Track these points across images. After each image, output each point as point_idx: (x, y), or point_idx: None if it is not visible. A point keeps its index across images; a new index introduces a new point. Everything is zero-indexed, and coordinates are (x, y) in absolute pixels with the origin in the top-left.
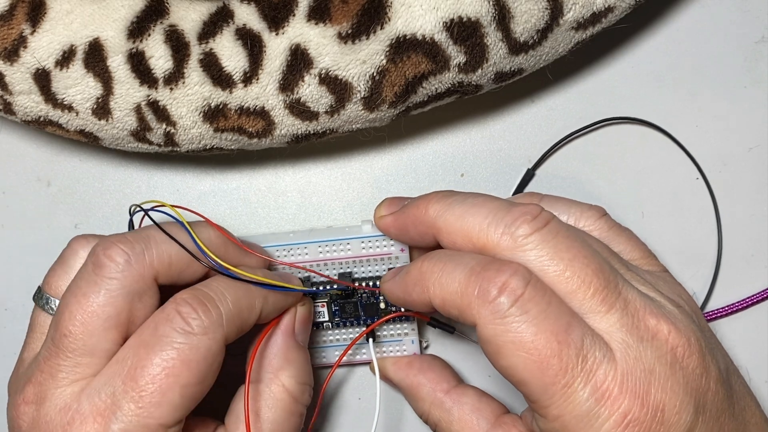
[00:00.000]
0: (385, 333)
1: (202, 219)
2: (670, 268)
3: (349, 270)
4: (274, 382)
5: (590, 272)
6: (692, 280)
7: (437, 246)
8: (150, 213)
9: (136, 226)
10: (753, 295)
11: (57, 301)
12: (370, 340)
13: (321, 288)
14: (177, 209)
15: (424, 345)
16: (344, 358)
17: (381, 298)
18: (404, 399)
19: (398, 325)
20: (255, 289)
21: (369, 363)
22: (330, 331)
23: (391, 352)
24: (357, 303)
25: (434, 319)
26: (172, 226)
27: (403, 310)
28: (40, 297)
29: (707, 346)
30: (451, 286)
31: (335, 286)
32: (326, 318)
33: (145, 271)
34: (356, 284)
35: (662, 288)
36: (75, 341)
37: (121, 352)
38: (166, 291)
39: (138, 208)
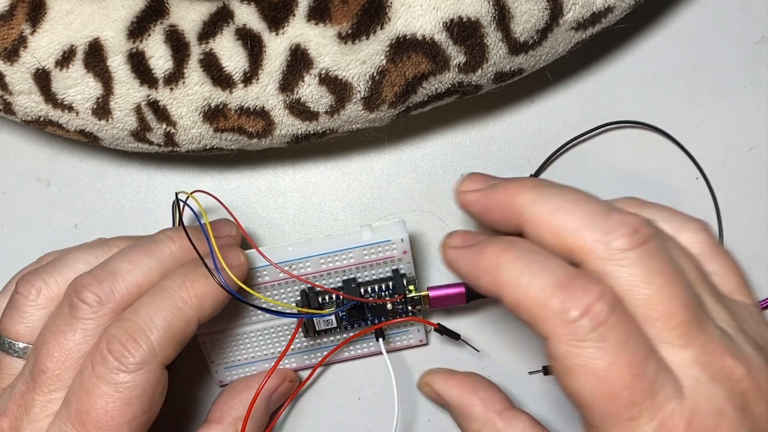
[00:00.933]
0: (391, 325)
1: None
2: None
3: (352, 276)
4: (232, 426)
5: (677, 304)
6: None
7: (518, 234)
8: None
9: (179, 213)
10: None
11: (18, 344)
12: (381, 339)
13: (335, 307)
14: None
15: (428, 329)
16: (357, 352)
17: (388, 300)
18: (405, 399)
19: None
20: (188, 305)
21: (378, 354)
22: (339, 335)
23: (398, 342)
24: (364, 307)
25: (441, 326)
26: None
27: (410, 315)
28: (1, 341)
29: None
30: (530, 291)
31: (344, 301)
32: (334, 324)
33: (116, 307)
34: (364, 298)
35: (747, 325)
36: (51, 377)
37: (68, 393)
38: None
39: (178, 199)
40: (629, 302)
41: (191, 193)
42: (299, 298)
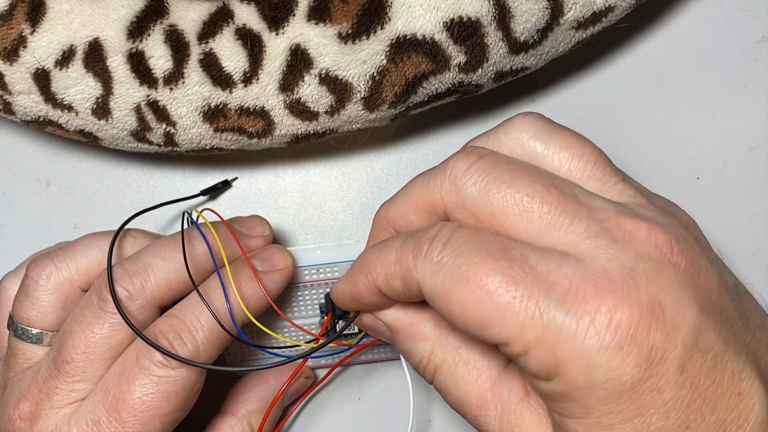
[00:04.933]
0: None
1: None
2: None
3: None
4: (246, 419)
5: (539, 187)
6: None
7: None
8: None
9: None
10: None
11: (31, 329)
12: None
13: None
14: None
15: None
16: (373, 356)
17: None
18: (404, 400)
19: None
20: (233, 307)
21: (391, 360)
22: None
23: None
24: None
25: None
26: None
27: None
28: (15, 327)
29: (704, 253)
30: (389, 257)
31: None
32: (356, 330)
33: (146, 303)
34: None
35: (651, 197)
36: (75, 368)
37: (106, 377)
38: None
39: (189, 217)
40: (489, 212)
41: (201, 212)
42: (323, 301)
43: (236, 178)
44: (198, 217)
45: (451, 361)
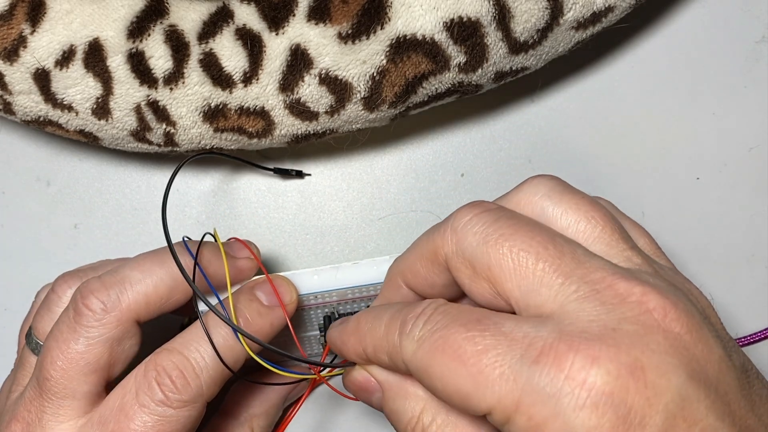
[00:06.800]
0: None
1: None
2: None
3: None
4: (248, 423)
5: (536, 243)
6: (692, 281)
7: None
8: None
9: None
10: (758, 332)
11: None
12: None
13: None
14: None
15: None
16: None
17: None
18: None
19: None
20: (240, 345)
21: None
22: None
23: None
24: None
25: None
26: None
27: None
28: (30, 340)
29: (707, 326)
30: (379, 330)
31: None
32: None
33: (122, 316)
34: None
35: (662, 270)
36: (56, 385)
37: (103, 408)
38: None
39: (185, 239)
40: (483, 264)
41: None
42: (322, 321)
43: (310, 174)
44: (204, 237)
45: (441, 422)
